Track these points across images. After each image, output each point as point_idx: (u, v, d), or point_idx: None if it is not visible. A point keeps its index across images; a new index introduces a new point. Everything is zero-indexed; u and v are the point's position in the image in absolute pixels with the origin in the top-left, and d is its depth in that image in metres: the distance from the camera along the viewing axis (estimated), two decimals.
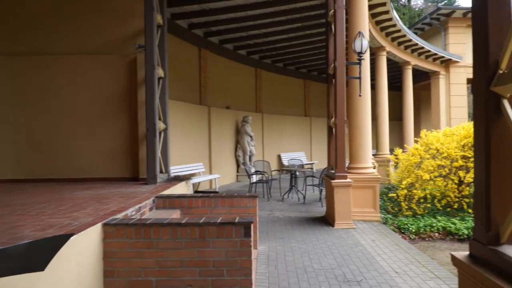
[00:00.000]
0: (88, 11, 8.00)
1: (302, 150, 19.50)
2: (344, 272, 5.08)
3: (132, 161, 7.99)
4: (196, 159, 12.32)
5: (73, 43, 7.99)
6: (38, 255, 1.43)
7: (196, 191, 9.98)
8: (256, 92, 17.05)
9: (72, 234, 1.54)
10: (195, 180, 10.68)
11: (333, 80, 8.21)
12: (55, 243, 1.45)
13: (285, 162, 17.27)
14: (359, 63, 7.98)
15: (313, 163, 18.65)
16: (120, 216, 4.30)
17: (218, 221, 3.93)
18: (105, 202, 5.25)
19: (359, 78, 8.04)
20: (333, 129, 8.15)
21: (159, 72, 7.76)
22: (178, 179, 8.01)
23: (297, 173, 11.60)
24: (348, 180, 7.71)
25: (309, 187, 11.15)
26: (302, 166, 14.69)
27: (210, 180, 12.86)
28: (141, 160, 7.82)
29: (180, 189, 7.30)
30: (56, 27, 7.99)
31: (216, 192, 8.26)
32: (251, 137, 15.07)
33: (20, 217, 4.28)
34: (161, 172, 7.70)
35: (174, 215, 5.33)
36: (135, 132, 7.95)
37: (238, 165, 15.18)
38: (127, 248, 3.94)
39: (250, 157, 15.13)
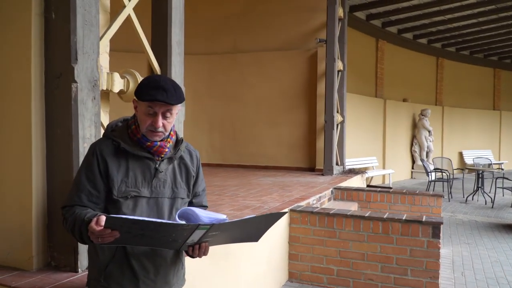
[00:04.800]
0: (276, 9, 8.52)
1: (489, 148, 17.32)
2: None
3: (310, 152, 8.29)
4: (370, 153, 12.08)
5: (261, 41, 8.65)
6: (257, 228, 1.61)
7: (368, 185, 9.80)
8: (436, 83, 15.76)
9: (286, 212, 1.69)
10: (368, 174, 10.50)
11: None
12: (274, 219, 1.61)
13: (468, 161, 15.62)
14: None
15: (502, 163, 16.42)
16: (303, 203, 4.53)
17: (404, 218, 3.81)
18: (287, 189, 5.59)
19: None
20: None
21: (339, 65, 7.84)
22: (353, 172, 8.01)
23: (485, 173, 10.39)
24: None
25: (499, 190, 9.87)
26: (490, 165, 13.12)
27: (383, 175, 12.47)
28: (318, 151, 8.07)
29: (355, 182, 7.30)
30: (248, 26, 8.75)
31: (390, 188, 7.96)
32: (429, 131, 14.05)
33: (219, 197, 4.88)
34: (336, 164, 7.81)
35: (352, 207, 5.35)
36: (313, 124, 8.22)
37: (413, 161, 14.33)
38: (311, 235, 4.13)
39: (427, 153, 14.13)
